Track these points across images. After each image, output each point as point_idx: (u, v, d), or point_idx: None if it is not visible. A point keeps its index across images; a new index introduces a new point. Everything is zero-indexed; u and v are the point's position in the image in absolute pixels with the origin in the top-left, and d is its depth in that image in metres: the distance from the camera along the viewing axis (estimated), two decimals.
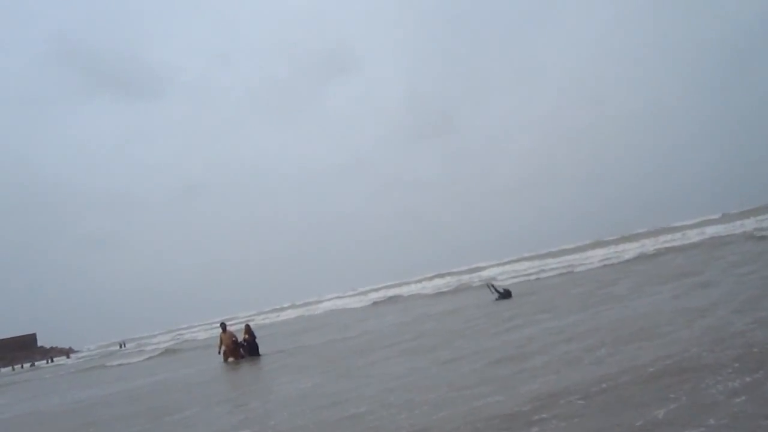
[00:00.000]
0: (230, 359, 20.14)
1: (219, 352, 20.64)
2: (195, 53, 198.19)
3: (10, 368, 76.71)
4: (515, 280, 33.08)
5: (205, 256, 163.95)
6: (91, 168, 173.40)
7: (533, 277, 34.43)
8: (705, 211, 59.67)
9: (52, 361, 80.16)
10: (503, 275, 40.53)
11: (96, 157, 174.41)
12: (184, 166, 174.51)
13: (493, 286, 25.01)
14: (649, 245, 36.18)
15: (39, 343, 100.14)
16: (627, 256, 32.63)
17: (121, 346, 78.15)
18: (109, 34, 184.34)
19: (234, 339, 20.36)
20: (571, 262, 38.30)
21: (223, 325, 21.09)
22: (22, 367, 76.82)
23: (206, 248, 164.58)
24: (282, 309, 75.06)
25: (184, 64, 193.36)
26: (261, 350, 20.56)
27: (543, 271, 36.92)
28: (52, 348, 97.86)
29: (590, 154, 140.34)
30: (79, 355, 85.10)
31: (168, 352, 37.55)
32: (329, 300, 65.71)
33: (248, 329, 20.72)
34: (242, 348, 20.32)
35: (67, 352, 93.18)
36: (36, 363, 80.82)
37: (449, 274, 59.32)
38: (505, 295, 23.54)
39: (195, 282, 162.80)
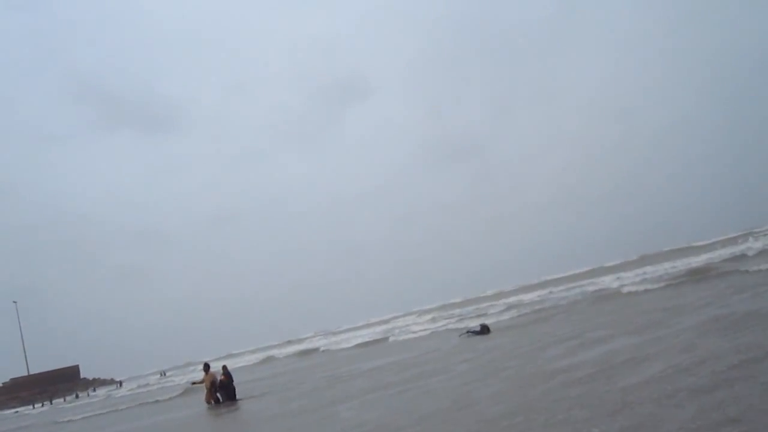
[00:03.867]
0: (211, 402, 19.52)
1: (192, 383, 21.01)
2: (211, 85, 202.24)
3: (61, 399, 77.75)
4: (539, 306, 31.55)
5: (232, 287, 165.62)
6: (118, 202, 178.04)
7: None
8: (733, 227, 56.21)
9: (94, 391, 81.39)
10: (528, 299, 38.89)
11: (121, 192, 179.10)
12: (209, 198, 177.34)
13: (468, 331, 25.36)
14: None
15: (82, 375, 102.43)
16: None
17: (161, 375, 78.79)
18: (125, 70, 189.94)
19: (213, 381, 19.74)
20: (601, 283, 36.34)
21: (207, 366, 20.51)
22: (64, 399, 77.87)
23: (232, 278, 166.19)
24: (300, 340, 74.66)
25: (200, 96, 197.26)
26: (239, 393, 19.87)
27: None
28: (94, 379, 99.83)
29: (618, 171, 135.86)
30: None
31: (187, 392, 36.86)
32: (349, 331, 64.76)
33: (225, 371, 20.15)
34: (219, 391, 19.60)
35: (111, 383, 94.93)
36: (80, 394, 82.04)
37: (466, 302, 57.66)
38: (482, 330, 23.98)
39: (222, 312, 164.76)
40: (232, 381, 19.87)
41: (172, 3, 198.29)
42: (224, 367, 20.53)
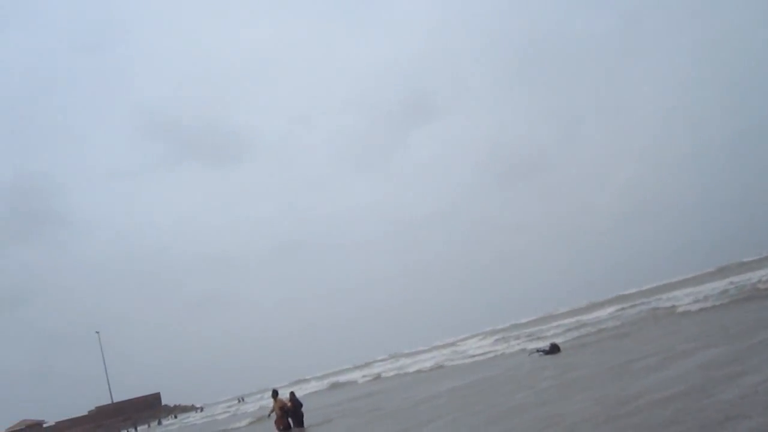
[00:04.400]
0: (281, 427, 19.80)
1: (268, 415, 20.71)
2: (275, 115, 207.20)
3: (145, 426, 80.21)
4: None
5: (301, 312, 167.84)
6: (190, 233, 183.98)
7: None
8: None
9: (175, 417, 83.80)
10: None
11: (192, 222, 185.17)
12: (277, 225, 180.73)
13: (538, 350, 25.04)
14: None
15: (163, 402, 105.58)
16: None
17: (239, 401, 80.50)
18: (191, 104, 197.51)
19: (282, 407, 20.03)
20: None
21: (275, 393, 20.94)
22: (148, 426, 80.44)
23: (301, 304, 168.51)
24: (369, 364, 74.55)
25: (266, 126, 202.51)
26: (307, 420, 20.14)
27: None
28: (176, 406, 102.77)
29: (690, 182, 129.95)
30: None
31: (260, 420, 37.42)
32: (418, 354, 64.24)
33: (292, 397, 20.45)
34: (288, 417, 19.85)
35: (191, 409, 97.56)
36: (162, 421, 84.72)
37: (534, 322, 56.41)
38: (552, 350, 23.59)
39: (293, 338, 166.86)
40: (300, 407, 20.20)
41: (234, 37, 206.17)
42: (291, 394, 20.87)
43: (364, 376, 52.13)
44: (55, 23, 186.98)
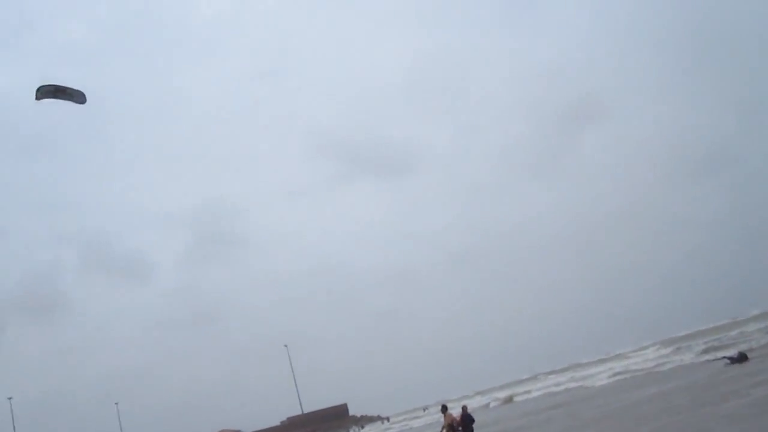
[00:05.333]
0: None
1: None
2: (442, 126, 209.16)
3: None
4: None
5: (478, 322, 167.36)
6: (364, 247, 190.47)
7: None
8: None
9: (362, 428, 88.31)
10: None
11: (366, 236, 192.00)
12: (451, 236, 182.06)
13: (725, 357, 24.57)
14: None
15: (350, 412, 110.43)
16: None
17: (424, 410, 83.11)
18: (359, 121, 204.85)
19: (451, 423, 19.54)
20: None
21: (444, 408, 20.46)
22: None
23: (477, 314, 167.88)
24: (546, 375, 72.66)
25: (433, 138, 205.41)
26: None
27: None
28: (362, 416, 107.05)
29: None
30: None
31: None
32: (603, 363, 62.33)
33: (463, 412, 20.00)
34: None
35: (377, 419, 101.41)
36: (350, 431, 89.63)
37: (720, 328, 52.82)
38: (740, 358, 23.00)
39: (470, 349, 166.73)
40: (472, 422, 19.63)
41: (398, 51, 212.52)
42: (463, 408, 20.45)
43: (542, 388, 52.04)
44: (238, 54, 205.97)
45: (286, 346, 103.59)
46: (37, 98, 16.47)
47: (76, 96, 16.75)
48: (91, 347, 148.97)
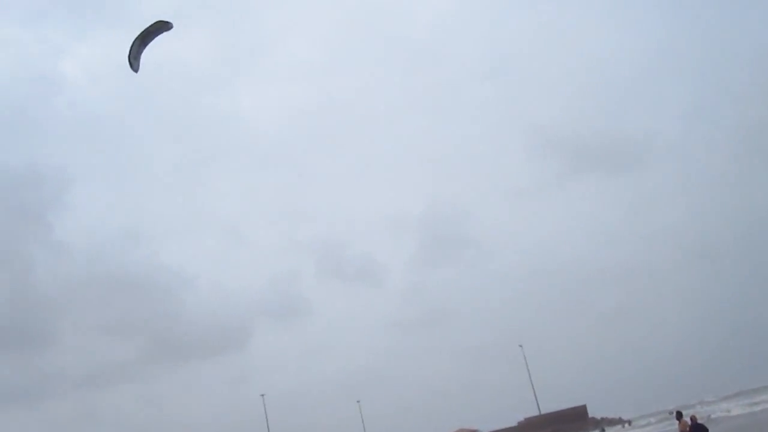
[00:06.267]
0: None
1: None
2: (669, 113, 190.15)
3: None
4: None
5: (718, 323, 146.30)
6: (594, 244, 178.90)
7: None
8: None
9: (602, 431, 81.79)
10: None
11: (597, 234, 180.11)
12: (687, 232, 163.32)
13: None
14: None
15: (590, 414, 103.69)
16: None
17: (670, 414, 75.69)
18: (581, 117, 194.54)
19: (683, 430, 19.20)
20: None
21: (679, 415, 19.96)
22: None
23: (721, 312, 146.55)
24: None
25: (661, 128, 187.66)
26: None
27: None
28: (602, 418, 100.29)
29: None
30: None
31: None
32: None
33: (693, 422, 19.33)
34: None
35: (618, 422, 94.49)
36: None
37: None
38: None
39: (719, 351, 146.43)
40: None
41: (619, 44, 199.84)
42: (692, 418, 19.76)
43: None
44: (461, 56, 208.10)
45: (521, 346, 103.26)
46: (135, 69, 15.02)
47: (162, 28, 14.99)
48: (332, 347, 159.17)
